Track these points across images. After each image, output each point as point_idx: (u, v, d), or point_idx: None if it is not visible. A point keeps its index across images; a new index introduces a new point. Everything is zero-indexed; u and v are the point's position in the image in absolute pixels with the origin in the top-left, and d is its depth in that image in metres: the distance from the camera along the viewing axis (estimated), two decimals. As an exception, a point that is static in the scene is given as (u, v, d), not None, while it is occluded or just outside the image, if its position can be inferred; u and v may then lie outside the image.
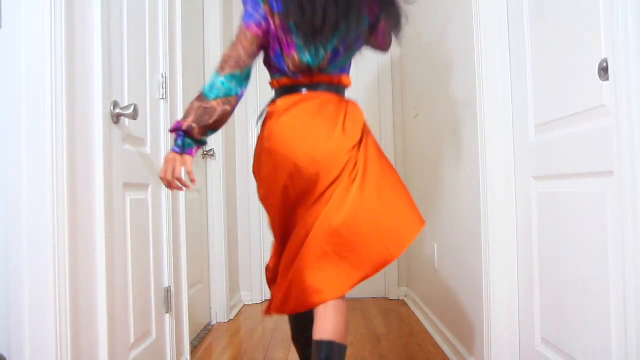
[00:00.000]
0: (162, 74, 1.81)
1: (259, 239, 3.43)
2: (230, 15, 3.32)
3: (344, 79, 1.49)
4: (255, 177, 1.52)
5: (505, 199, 1.69)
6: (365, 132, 1.45)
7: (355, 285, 1.35)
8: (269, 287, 1.58)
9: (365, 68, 3.40)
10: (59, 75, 1.15)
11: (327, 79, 1.44)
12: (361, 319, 2.87)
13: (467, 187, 1.94)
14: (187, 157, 1.35)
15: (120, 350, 1.43)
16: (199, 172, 2.71)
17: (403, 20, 1.47)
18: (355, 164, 1.38)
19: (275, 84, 1.47)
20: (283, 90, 1.45)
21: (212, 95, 1.32)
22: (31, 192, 1.11)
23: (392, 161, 3.42)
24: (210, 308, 2.86)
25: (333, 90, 1.45)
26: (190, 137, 1.34)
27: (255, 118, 3.46)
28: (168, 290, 1.80)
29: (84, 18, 1.29)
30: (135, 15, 1.61)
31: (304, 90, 1.43)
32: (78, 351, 1.20)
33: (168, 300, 1.80)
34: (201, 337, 2.54)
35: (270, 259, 1.57)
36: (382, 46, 1.62)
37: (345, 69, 1.49)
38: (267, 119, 1.45)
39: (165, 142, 1.81)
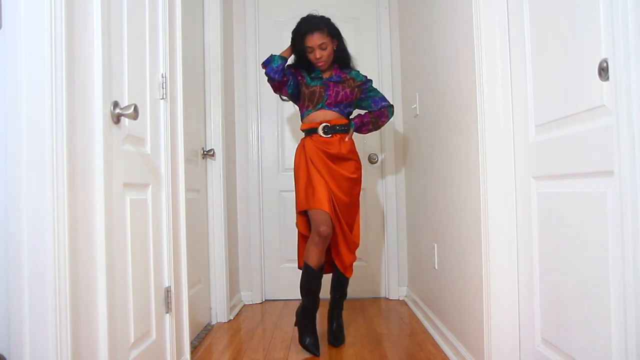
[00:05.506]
0: (162, 74, 1.81)
1: (259, 240, 3.43)
2: (230, 15, 3.32)
3: None
4: None
5: (505, 199, 1.69)
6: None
7: None
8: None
9: (365, 68, 3.40)
10: (59, 75, 1.14)
11: None
12: (361, 319, 2.87)
13: (467, 187, 1.94)
14: None
15: (120, 350, 1.43)
16: (198, 172, 2.71)
17: None
18: None
19: None
20: None
21: None
22: (31, 191, 1.11)
23: (392, 161, 3.43)
24: (210, 308, 2.86)
25: None
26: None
27: (255, 118, 3.46)
28: (168, 290, 1.80)
29: (84, 18, 1.29)
30: (135, 16, 1.61)
31: None
32: (78, 351, 1.20)
33: (168, 300, 1.80)
34: (201, 337, 2.54)
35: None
36: None
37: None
38: None
39: (165, 142, 1.81)
